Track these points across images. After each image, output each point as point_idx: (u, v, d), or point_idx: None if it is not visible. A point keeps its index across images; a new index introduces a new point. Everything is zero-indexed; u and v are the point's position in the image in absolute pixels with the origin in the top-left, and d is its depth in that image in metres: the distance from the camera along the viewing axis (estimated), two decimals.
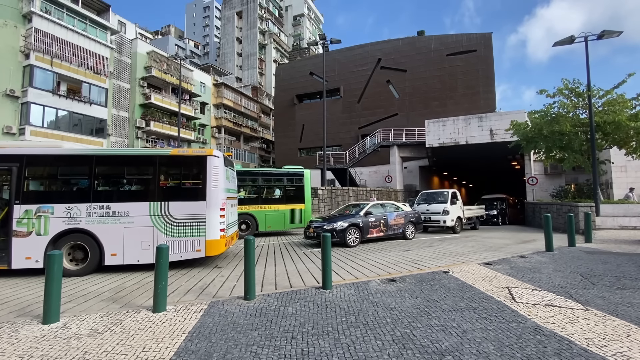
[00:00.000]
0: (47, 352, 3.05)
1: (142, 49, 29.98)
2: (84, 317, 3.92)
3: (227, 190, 7.38)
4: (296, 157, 32.88)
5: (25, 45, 21.38)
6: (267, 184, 13.52)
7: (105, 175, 7.06)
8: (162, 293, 4.08)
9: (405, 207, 11.73)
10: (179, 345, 3.13)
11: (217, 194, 6.77)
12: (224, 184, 7.03)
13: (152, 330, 3.51)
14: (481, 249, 8.71)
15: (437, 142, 20.58)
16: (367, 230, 9.90)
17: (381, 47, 29.72)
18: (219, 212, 6.76)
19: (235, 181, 8.60)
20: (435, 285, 5.01)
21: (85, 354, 2.99)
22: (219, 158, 6.94)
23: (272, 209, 12.90)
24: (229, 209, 7.33)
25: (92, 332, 3.47)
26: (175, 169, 7.17)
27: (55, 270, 3.80)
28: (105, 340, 3.28)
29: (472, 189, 43.56)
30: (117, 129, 27.79)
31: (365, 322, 3.56)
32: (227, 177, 7.42)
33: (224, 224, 6.94)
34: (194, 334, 3.38)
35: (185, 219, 6.61)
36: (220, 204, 6.82)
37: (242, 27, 52.56)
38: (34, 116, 21.40)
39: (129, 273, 6.46)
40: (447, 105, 26.56)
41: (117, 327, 3.59)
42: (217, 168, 6.86)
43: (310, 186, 13.70)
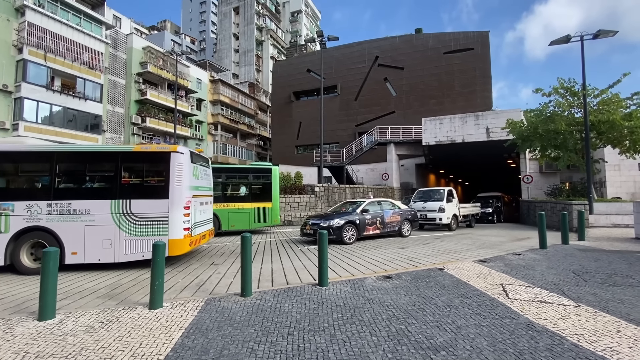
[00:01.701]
0: (43, 348, 3.05)
1: (138, 44, 29.68)
2: (80, 314, 3.92)
3: (195, 187, 7.10)
4: (293, 154, 32.85)
5: (18, 39, 21.09)
6: (232, 181, 12.83)
7: (66, 173, 6.90)
8: (158, 290, 4.08)
9: (401, 204, 11.76)
10: (175, 341, 3.15)
11: (181, 191, 6.52)
12: (189, 181, 6.78)
13: (149, 326, 3.52)
14: (476, 247, 8.80)
15: (434, 140, 20.67)
16: (363, 228, 9.93)
17: (379, 45, 29.69)
18: (182, 211, 6.51)
19: (208, 178, 8.30)
20: (430, 282, 5.06)
21: (81, 350, 2.99)
22: (183, 154, 6.68)
23: (236, 207, 12.28)
24: (196, 207, 7.08)
25: (89, 329, 3.48)
26: (138, 165, 6.95)
27: (51, 267, 3.79)
28: (101, 336, 3.29)
29: (468, 187, 43.84)
30: (112, 125, 27.56)
31: (361, 319, 3.60)
32: (195, 175, 7.16)
33: (189, 223, 6.69)
34: (191, 330, 3.40)
35: (147, 218, 6.40)
36: (184, 203, 6.57)
37: (239, 23, 52.22)
38: (27, 111, 21.16)
39: (125, 270, 6.45)
40: (444, 103, 26.64)
41: (113, 324, 3.60)
42: (182, 165, 6.59)
43: (278, 183, 13.20)
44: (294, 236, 11.69)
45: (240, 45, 51.39)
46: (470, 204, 16.35)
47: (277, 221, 12.86)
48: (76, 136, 23.62)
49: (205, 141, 36.18)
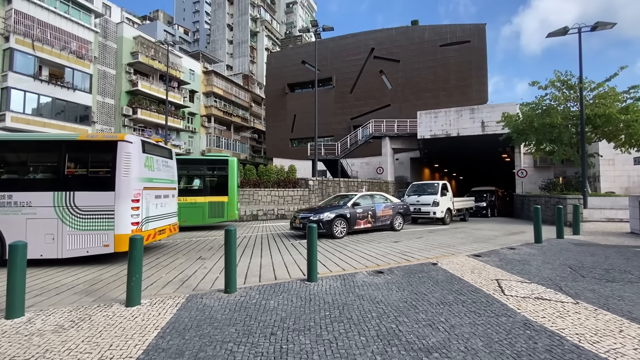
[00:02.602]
0: (5, 349, 2.81)
1: (129, 33, 28.93)
2: (52, 312, 3.68)
3: (148, 179, 6.69)
4: (287, 147, 32.51)
5: (4, 27, 20.37)
6: (184, 173, 11.93)
7: (7, 163, 6.53)
8: (135, 286, 3.84)
9: (394, 198, 11.58)
10: (149, 342, 2.92)
11: (128, 183, 6.11)
12: (138, 172, 6.34)
13: (123, 326, 3.28)
14: (470, 241, 8.66)
15: (429, 133, 20.49)
16: (354, 222, 9.75)
17: (375, 37, 29.27)
18: (130, 204, 6.12)
19: (170, 170, 7.82)
20: (423, 277, 4.88)
21: (45, 352, 2.76)
22: (132, 144, 6.25)
23: (188, 201, 11.42)
24: (150, 201, 6.70)
25: (57, 328, 3.24)
26: (83, 156, 6.44)
27: (18, 261, 3.53)
28: (70, 337, 3.05)
29: (463, 181, 43.92)
30: (102, 117, 26.95)
31: (350, 317, 3.40)
32: (148, 166, 6.73)
33: (139, 217, 6.30)
34: (167, 330, 3.18)
35: (92, 211, 6.02)
36: (132, 195, 6.16)
37: (233, 13, 51.24)
38: (14, 102, 20.53)
39: (109, 264, 6.19)
40: (440, 96, 26.42)
41: (85, 323, 3.36)
42: (130, 155, 6.16)
43: (237, 176, 12.19)
44: (286, 230, 11.48)
45: (235, 36, 50.48)
46: (465, 198, 16.26)
47: (235, 216, 11.91)
48: (65, 127, 23.03)
49: (198, 133, 35.64)
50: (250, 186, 17.30)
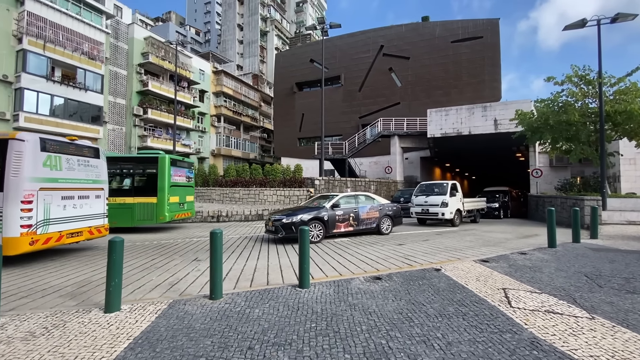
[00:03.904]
0: None
1: (140, 34, 29.27)
2: (28, 317, 3.53)
3: (51, 180, 6.33)
4: (295, 146, 32.34)
5: (17, 29, 20.83)
6: (112, 172, 11.20)
7: None
8: (114, 291, 3.66)
9: (382, 199, 10.90)
10: (116, 354, 2.71)
11: (18, 183, 5.79)
12: (32, 172, 6.00)
13: (95, 334, 3.09)
14: (479, 244, 8.23)
15: (439, 132, 19.93)
16: (333, 225, 9.00)
17: (384, 34, 28.75)
18: (19, 206, 5.78)
19: (91, 169, 7.41)
20: (424, 284, 4.55)
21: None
22: (24, 142, 5.92)
23: (117, 202, 10.86)
24: (54, 202, 6.37)
25: (28, 336, 3.07)
26: None
27: None
28: (37, 346, 2.87)
29: (475, 181, 42.88)
30: (114, 117, 27.35)
31: (337, 330, 3.12)
32: (52, 165, 6.39)
33: (32, 219, 5.95)
34: (139, 340, 2.97)
35: None
36: (22, 196, 5.82)
37: (243, 13, 51.43)
38: (27, 102, 20.98)
39: (103, 266, 6.07)
40: (451, 94, 25.73)
41: (57, 330, 3.19)
42: (20, 154, 5.85)
43: (168, 175, 11.22)
44: None
45: (245, 36, 50.65)
46: (476, 199, 15.69)
47: (164, 219, 10.98)
48: (77, 127, 23.45)
49: (208, 133, 35.86)
50: (256, 185, 17.17)
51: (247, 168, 18.41)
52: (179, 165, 12.00)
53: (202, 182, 18.66)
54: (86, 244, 8.92)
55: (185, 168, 12.52)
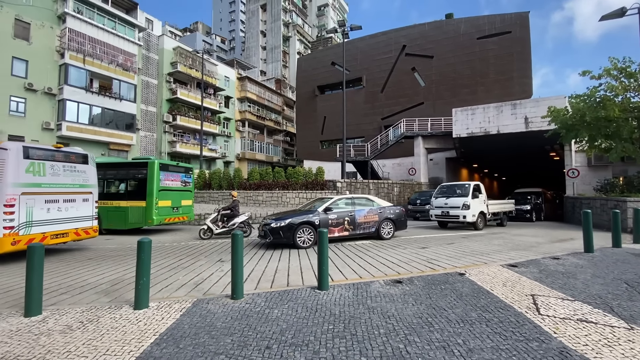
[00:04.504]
0: (14, 348, 2.91)
1: (169, 45, 30.70)
2: (66, 311, 3.80)
3: (34, 185, 6.88)
4: (317, 149, 32.50)
5: (60, 44, 22.51)
6: (109, 177, 12.15)
7: None
8: (143, 289, 3.86)
9: (383, 202, 10.23)
10: (144, 349, 2.87)
11: (2, 189, 6.40)
12: (14, 178, 6.56)
13: (125, 329, 3.28)
14: (508, 248, 7.88)
15: (465, 132, 19.29)
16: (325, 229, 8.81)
17: (406, 33, 28.33)
18: (2, 209, 6.35)
19: (78, 174, 7.90)
20: (446, 289, 4.43)
21: (47, 354, 2.80)
22: (7, 150, 6.54)
23: (113, 205, 11.53)
24: (37, 205, 6.89)
25: (65, 329, 3.31)
26: None
27: (35, 262, 3.68)
28: (74, 338, 3.09)
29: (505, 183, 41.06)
30: (146, 124, 28.79)
31: (354, 332, 3.11)
32: (35, 171, 6.93)
33: (13, 221, 6.49)
34: (165, 336, 3.11)
35: None
36: (5, 200, 6.39)
37: (266, 20, 52.55)
38: (69, 112, 22.57)
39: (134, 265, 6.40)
40: (478, 92, 24.86)
41: (91, 325, 3.41)
42: (3, 161, 6.48)
43: (157, 180, 11.46)
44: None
45: (268, 42, 51.70)
46: (502, 201, 14.90)
47: (152, 222, 11.28)
48: (113, 134, 24.95)
49: (233, 138, 36.87)
50: (279, 188, 17.43)
51: (270, 171, 18.74)
52: (171, 169, 12.26)
53: (227, 185, 19.20)
54: (122, 244, 9.45)
55: (181, 173, 12.71)
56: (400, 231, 10.55)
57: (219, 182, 19.52)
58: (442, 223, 12.97)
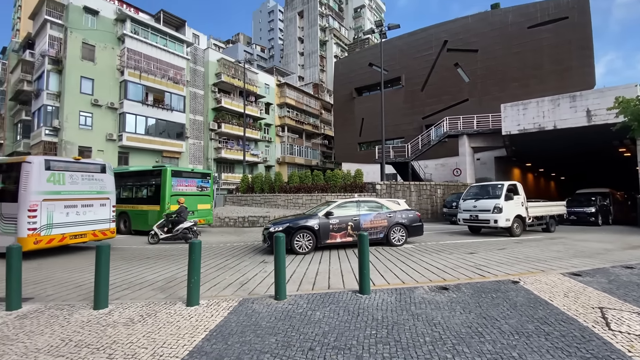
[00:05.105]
0: (85, 337, 3.25)
1: (213, 57, 32.57)
2: (128, 305, 4.16)
3: (55, 192, 7.83)
4: (356, 151, 32.27)
5: (120, 63, 24.92)
6: (135, 184, 13.59)
7: None
8: (194, 287, 4.11)
9: (395, 206, 9.40)
10: (196, 344, 3.05)
11: (26, 197, 7.35)
12: (37, 187, 7.52)
13: (179, 324, 3.51)
14: (569, 255, 7.16)
15: (517, 128, 17.93)
16: (325, 235, 8.19)
17: (447, 28, 27.16)
18: (26, 213, 7.31)
19: (96, 182, 8.79)
20: (498, 298, 4.14)
21: (112, 344, 3.09)
22: (31, 164, 7.55)
23: (138, 208, 12.85)
24: (57, 209, 7.81)
25: (128, 322, 3.63)
26: (5, 175, 8.05)
27: (102, 260, 4.08)
28: (135, 330, 3.38)
29: (564, 183, 37.46)
30: (194, 132, 30.75)
31: (398, 339, 3.02)
32: (55, 181, 7.91)
33: (36, 224, 7.42)
34: (214, 333, 3.28)
35: (7, 218, 7.54)
36: (29, 206, 7.33)
37: (303, 26, 53.62)
38: (128, 124, 24.86)
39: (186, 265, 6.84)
40: (530, 85, 23.01)
41: (150, 318, 3.70)
42: (28, 173, 7.47)
43: (169, 186, 12.36)
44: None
45: (305, 47, 52.68)
46: (548, 202, 13.18)
47: None
48: (165, 143, 26.99)
49: (273, 143, 38.00)
50: (318, 191, 17.60)
51: (309, 174, 18.99)
52: (185, 176, 13.21)
53: (268, 188, 19.80)
54: (172, 247, 10.16)
55: (197, 178, 13.64)
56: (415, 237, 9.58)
57: (261, 186, 20.21)
58: (474, 228, 11.89)
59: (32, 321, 3.66)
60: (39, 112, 22.99)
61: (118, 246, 9.63)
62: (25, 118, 25.74)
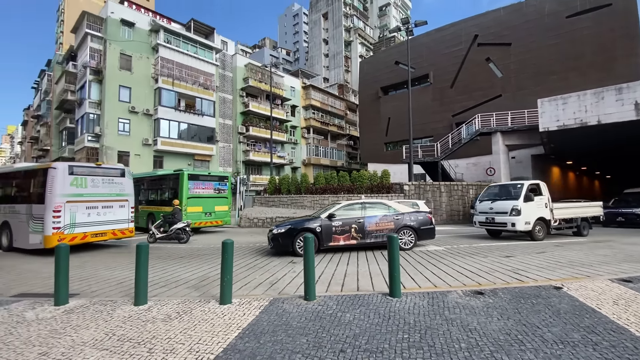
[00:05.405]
0: (126, 332, 3.44)
1: (241, 62, 33.47)
2: (166, 302, 4.36)
3: (77, 195, 8.65)
4: (382, 151, 31.83)
5: (154, 71, 26.25)
6: (160, 187, 14.51)
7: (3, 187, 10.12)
8: (226, 286, 4.23)
9: (405, 207, 9.05)
10: (229, 341, 3.13)
11: (52, 199, 8.20)
12: (61, 190, 8.35)
13: (213, 322, 3.63)
14: (618, 259, 6.63)
15: (555, 124, 16.87)
16: (328, 237, 8.02)
17: (478, 22, 26.14)
18: (51, 214, 8.13)
19: (116, 185, 9.56)
20: (539, 304, 3.91)
21: (152, 339, 3.25)
22: (55, 169, 8.41)
23: (162, 210, 13.48)
24: (78, 210, 8.60)
25: (166, 318, 3.80)
26: (35, 180, 8.86)
27: (142, 259, 4.31)
28: (173, 327, 3.53)
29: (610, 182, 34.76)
30: (223, 136, 31.75)
31: (432, 344, 2.94)
32: (78, 184, 8.72)
33: (60, 223, 8.22)
34: (247, 331, 3.36)
35: (38, 218, 8.36)
36: (53, 207, 8.16)
37: (327, 28, 53.78)
38: (162, 129, 26.11)
39: (217, 264, 7.07)
40: (569, 78, 21.59)
41: (186, 315, 3.85)
42: (53, 177, 8.29)
43: (186, 189, 13.20)
44: None
45: (330, 49, 52.79)
46: (580, 203, 11.90)
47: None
48: (197, 147, 28.07)
49: (299, 144, 38.38)
50: (344, 192, 17.52)
51: (335, 175, 18.96)
52: (201, 179, 13.97)
53: (295, 190, 20.00)
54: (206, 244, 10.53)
55: (214, 181, 14.35)
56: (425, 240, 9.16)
57: (287, 187, 20.46)
58: (492, 231, 11.08)
59: (78, 316, 3.93)
60: (82, 119, 24.75)
61: (152, 246, 10.13)
62: (69, 125, 27.80)
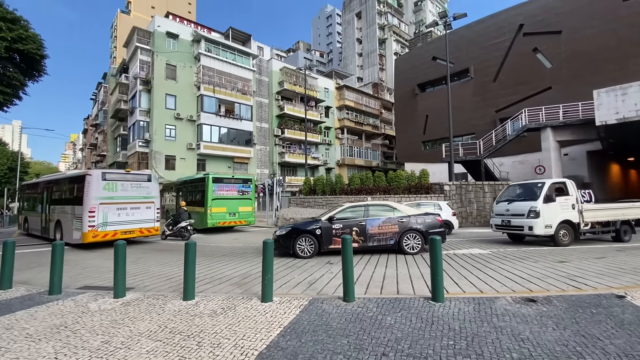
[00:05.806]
0: (177, 325, 3.67)
1: (276, 67, 34.31)
2: (211, 298, 4.60)
3: (109, 197, 10.06)
4: (419, 150, 30.88)
5: (197, 79, 27.78)
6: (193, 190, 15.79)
7: (53, 192, 12.14)
8: (268, 285, 4.36)
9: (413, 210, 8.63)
10: (272, 339, 3.22)
11: (88, 201, 9.67)
12: (96, 193, 9.78)
13: (256, 319, 3.76)
14: None
15: (614, 117, 15.28)
16: (328, 240, 7.90)
17: (522, 11, 24.45)
18: (87, 214, 9.59)
19: (144, 189, 10.84)
20: (599, 314, 3.57)
21: (200, 332, 3.44)
22: (91, 176, 9.88)
23: (195, 210, 14.75)
24: (110, 211, 10.01)
25: (212, 313, 4.00)
26: (78, 185, 10.28)
27: (190, 257, 4.58)
28: (218, 322, 3.71)
29: None
30: (260, 139, 32.74)
31: (480, 352, 2.80)
32: (110, 188, 10.12)
33: (94, 222, 9.64)
34: (288, 329, 3.44)
35: (78, 217, 9.87)
36: (89, 208, 9.62)
37: (361, 27, 53.40)
38: (204, 134, 27.54)
39: (258, 263, 7.32)
40: (628, 65, 19.41)
41: (230, 311, 4.03)
42: (89, 183, 9.72)
43: (211, 191, 14.24)
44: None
45: (364, 48, 52.35)
46: (618, 204, 10.39)
47: (207, 225, 14.10)
48: (236, 150, 29.25)
49: (333, 145, 38.47)
50: (380, 193, 17.26)
51: (371, 176, 18.73)
52: (225, 182, 15.01)
53: (330, 190, 20.06)
54: (247, 243, 10.93)
55: (238, 184, 15.40)
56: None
57: (322, 188, 20.59)
58: (513, 236, 10.14)
59: (134, 308, 4.26)
60: (134, 127, 26.85)
61: (198, 244, 10.70)
62: (123, 133, 30.30)
